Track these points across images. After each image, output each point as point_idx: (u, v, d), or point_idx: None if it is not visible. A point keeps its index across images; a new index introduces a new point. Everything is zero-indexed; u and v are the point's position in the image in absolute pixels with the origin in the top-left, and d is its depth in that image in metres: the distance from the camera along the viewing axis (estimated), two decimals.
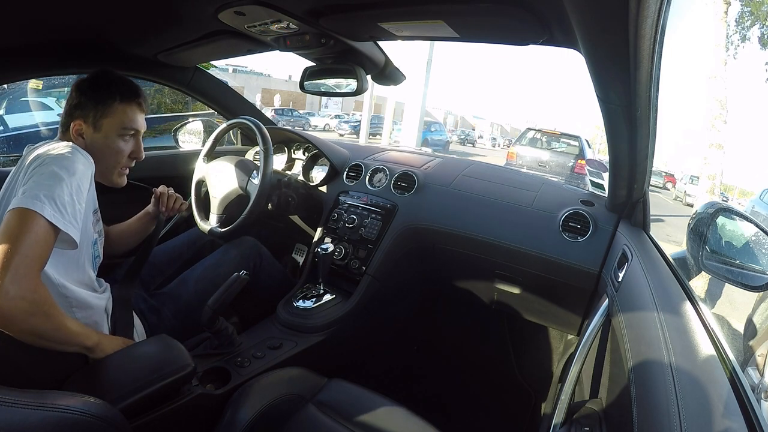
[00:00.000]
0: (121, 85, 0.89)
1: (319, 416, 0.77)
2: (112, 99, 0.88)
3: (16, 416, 0.43)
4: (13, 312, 0.61)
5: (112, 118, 0.88)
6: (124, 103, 0.89)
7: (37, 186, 0.69)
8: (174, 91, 4.23)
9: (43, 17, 0.86)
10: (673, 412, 0.44)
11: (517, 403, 1.46)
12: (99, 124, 0.87)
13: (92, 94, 0.87)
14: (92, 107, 0.86)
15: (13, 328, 0.63)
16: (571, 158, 7.23)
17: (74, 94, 0.87)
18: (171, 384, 0.72)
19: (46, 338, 0.67)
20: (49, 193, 0.69)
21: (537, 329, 1.55)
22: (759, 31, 7.59)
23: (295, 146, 1.63)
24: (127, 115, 0.90)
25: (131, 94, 0.90)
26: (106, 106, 0.87)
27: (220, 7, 0.83)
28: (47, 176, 0.71)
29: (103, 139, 0.88)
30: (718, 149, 6.12)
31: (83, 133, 0.87)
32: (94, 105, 0.86)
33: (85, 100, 0.86)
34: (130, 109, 0.90)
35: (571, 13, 0.54)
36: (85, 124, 0.87)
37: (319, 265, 1.18)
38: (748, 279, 0.67)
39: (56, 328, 0.68)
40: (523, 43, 0.83)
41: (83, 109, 0.86)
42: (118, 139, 0.89)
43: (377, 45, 1.11)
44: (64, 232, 0.69)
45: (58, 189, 0.70)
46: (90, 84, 0.88)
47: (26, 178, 0.72)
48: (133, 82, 0.92)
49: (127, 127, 0.90)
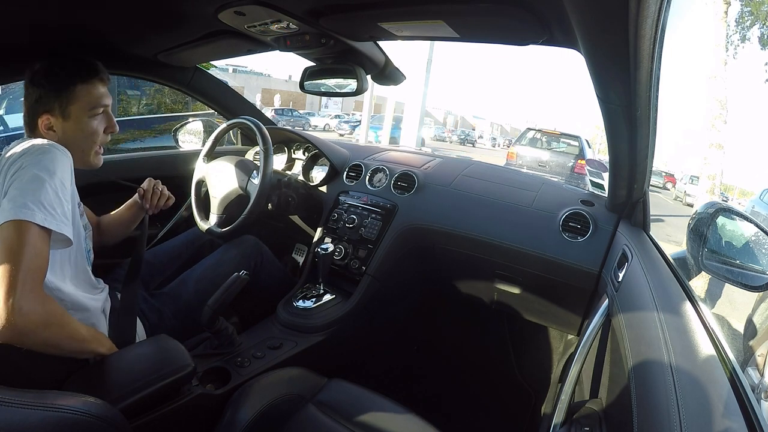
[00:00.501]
0: (77, 66, 0.86)
1: (319, 416, 0.77)
2: (72, 83, 0.84)
3: (16, 416, 0.43)
4: (29, 327, 0.63)
5: (78, 102, 0.85)
6: (86, 84, 0.86)
7: (22, 194, 0.68)
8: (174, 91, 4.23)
9: (43, 17, 0.86)
10: (673, 412, 0.44)
11: (517, 403, 1.46)
12: (67, 112, 0.84)
13: (51, 85, 0.83)
14: (55, 98, 0.83)
15: (29, 341, 0.64)
16: (571, 158, 7.23)
17: (31, 90, 0.84)
18: (171, 384, 0.72)
19: (61, 347, 0.69)
20: (35, 197, 0.68)
21: (537, 329, 1.55)
22: (759, 31, 7.59)
23: (295, 146, 1.63)
24: (92, 94, 0.87)
25: (91, 73, 0.86)
26: (69, 93, 0.84)
27: (220, 7, 0.83)
28: (28, 181, 0.70)
29: (75, 125, 0.85)
30: (718, 149, 6.12)
31: (53, 126, 0.84)
32: (56, 95, 0.83)
33: (45, 92, 0.83)
34: (93, 88, 0.87)
35: (571, 13, 0.54)
36: (52, 116, 0.84)
37: (319, 265, 1.18)
38: (748, 279, 0.67)
39: (70, 337, 0.70)
40: (523, 43, 0.83)
41: (46, 103, 0.83)
42: (90, 120, 0.87)
43: (377, 45, 1.11)
44: (57, 232, 0.69)
45: (42, 192, 0.69)
46: (45, 75, 0.84)
47: (6, 186, 0.71)
48: (87, 59, 0.88)
49: (96, 105, 0.87)
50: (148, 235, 1.49)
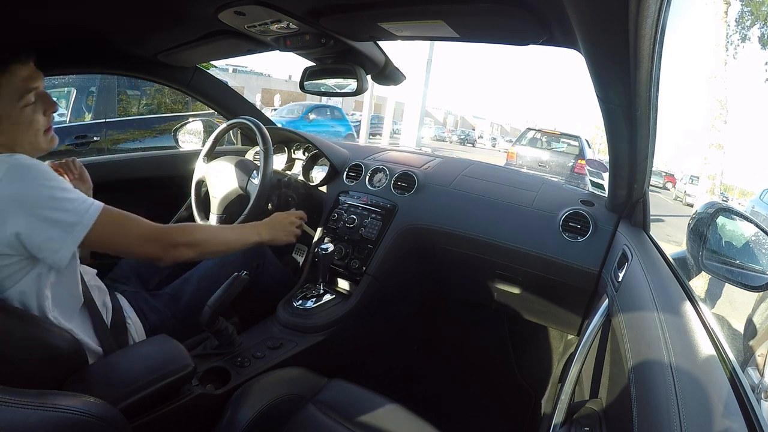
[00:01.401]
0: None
1: (319, 416, 0.77)
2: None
3: (16, 416, 0.43)
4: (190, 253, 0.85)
5: (2, 98, 0.73)
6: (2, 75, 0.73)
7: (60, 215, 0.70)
8: (174, 91, 4.23)
9: (42, 17, 0.86)
10: (673, 412, 0.44)
11: (517, 403, 1.46)
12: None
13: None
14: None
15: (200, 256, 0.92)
16: (571, 158, 7.23)
17: None
18: (171, 384, 0.72)
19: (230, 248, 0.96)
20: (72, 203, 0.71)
21: (537, 329, 1.55)
22: (759, 31, 7.59)
23: (295, 146, 1.63)
24: (13, 84, 0.74)
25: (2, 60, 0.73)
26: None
27: (220, 7, 0.83)
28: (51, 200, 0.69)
29: (8, 123, 0.74)
30: (718, 149, 6.11)
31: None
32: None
33: None
34: (12, 75, 0.74)
35: (571, 13, 0.54)
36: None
37: (319, 265, 1.18)
38: (748, 279, 0.68)
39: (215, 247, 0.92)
40: (523, 43, 0.83)
41: None
42: (22, 111, 0.75)
43: (377, 45, 1.11)
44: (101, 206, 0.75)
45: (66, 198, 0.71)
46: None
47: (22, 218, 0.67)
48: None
49: (23, 92, 0.75)
50: None
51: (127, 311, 0.94)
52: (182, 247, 0.84)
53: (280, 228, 1.07)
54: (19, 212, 0.67)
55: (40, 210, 0.69)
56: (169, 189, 1.57)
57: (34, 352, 0.68)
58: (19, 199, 0.68)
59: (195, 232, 0.89)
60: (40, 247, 0.69)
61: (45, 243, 0.69)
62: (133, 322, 0.93)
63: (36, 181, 0.69)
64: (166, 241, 0.82)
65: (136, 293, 1.01)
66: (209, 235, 0.92)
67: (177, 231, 0.85)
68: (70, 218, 0.70)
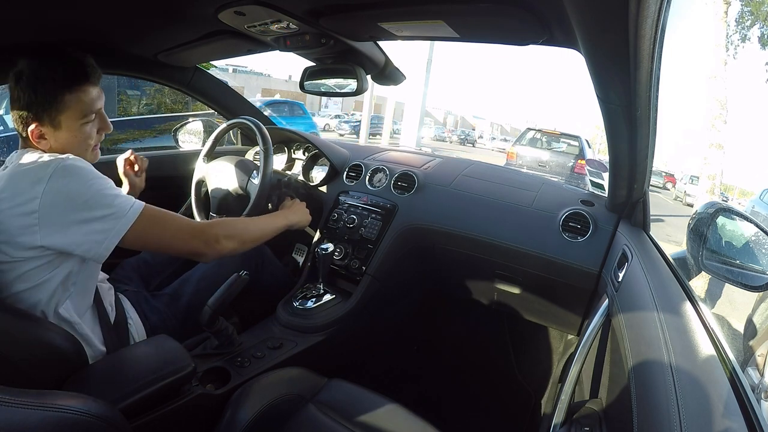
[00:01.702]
0: (66, 71, 0.78)
1: (319, 416, 0.77)
2: (61, 93, 0.77)
3: (16, 416, 0.43)
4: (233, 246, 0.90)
5: (69, 111, 0.78)
6: (76, 92, 0.78)
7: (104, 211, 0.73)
8: (174, 91, 4.23)
9: (42, 17, 0.86)
10: (673, 412, 0.44)
11: (517, 403, 1.46)
12: (57, 121, 0.78)
13: (38, 94, 0.76)
14: (43, 108, 0.76)
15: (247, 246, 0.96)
16: (571, 158, 7.23)
17: (18, 94, 0.76)
18: (171, 384, 0.72)
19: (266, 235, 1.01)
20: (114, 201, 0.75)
21: (537, 329, 1.55)
22: (759, 31, 7.59)
23: (295, 146, 1.63)
24: (83, 101, 0.79)
25: (80, 79, 0.79)
26: (58, 103, 0.77)
27: (220, 7, 0.83)
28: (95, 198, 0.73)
29: (67, 133, 0.79)
30: (718, 149, 6.12)
31: (44, 135, 0.78)
32: (44, 105, 0.76)
33: (32, 100, 0.76)
34: (84, 95, 0.79)
35: (571, 13, 0.54)
36: (42, 126, 0.77)
37: (319, 265, 1.18)
38: (748, 279, 0.67)
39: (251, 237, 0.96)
40: (523, 43, 0.83)
41: (35, 112, 0.76)
42: (82, 127, 0.81)
43: (377, 45, 1.11)
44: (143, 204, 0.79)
45: (110, 194, 0.75)
46: (31, 82, 0.75)
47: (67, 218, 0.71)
48: (77, 59, 0.80)
49: (88, 112, 0.80)
50: None
51: (129, 311, 0.94)
52: (223, 239, 0.88)
53: (296, 212, 1.16)
54: (67, 207, 0.71)
55: (87, 204, 0.72)
56: (169, 189, 1.57)
57: (34, 352, 0.68)
58: (67, 194, 0.71)
59: (233, 225, 0.93)
60: (82, 241, 0.72)
61: (89, 235, 0.72)
62: (134, 322, 0.93)
63: (84, 179, 0.73)
64: (208, 236, 0.86)
65: (137, 293, 1.01)
66: (246, 225, 0.97)
67: (216, 225, 0.89)
68: (115, 212, 0.74)
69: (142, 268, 1.14)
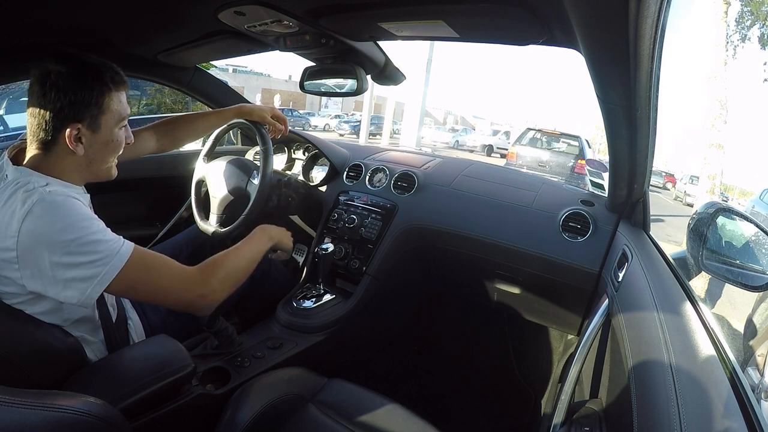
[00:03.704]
0: (108, 70, 0.75)
1: (319, 416, 0.77)
2: (108, 91, 0.74)
3: (16, 416, 0.43)
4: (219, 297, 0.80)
5: (110, 112, 0.75)
6: (118, 92, 0.76)
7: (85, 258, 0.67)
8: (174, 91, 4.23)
9: (43, 17, 0.86)
10: (673, 412, 0.44)
11: (517, 403, 1.46)
12: (98, 123, 0.74)
13: (82, 91, 0.71)
14: (86, 107, 0.72)
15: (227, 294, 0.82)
16: (571, 158, 7.23)
17: (52, 96, 0.70)
18: (171, 384, 0.72)
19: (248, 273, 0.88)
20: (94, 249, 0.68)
21: (537, 329, 1.55)
22: (759, 31, 7.59)
23: (295, 146, 1.63)
24: (122, 104, 0.78)
25: (120, 78, 0.77)
26: (102, 102, 0.73)
27: (220, 7, 0.83)
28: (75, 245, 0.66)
29: (104, 137, 0.76)
30: (718, 149, 6.11)
31: (81, 137, 0.73)
32: (87, 103, 0.72)
33: (73, 99, 0.71)
34: (123, 96, 0.78)
35: (571, 13, 0.54)
36: (83, 126, 0.72)
37: (319, 265, 1.18)
38: (748, 279, 0.68)
39: (243, 269, 0.86)
40: (523, 43, 0.83)
41: (76, 111, 0.71)
42: (117, 132, 0.78)
43: (377, 45, 1.11)
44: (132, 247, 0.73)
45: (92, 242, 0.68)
46: (73, 79, 0.71)
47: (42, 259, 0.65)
48: (111, 64, 0.77)
49: (124, 116, 0.79)
50: (148, 234, 1.50)
51: (129, 311, 0.94)
52: (219, 286, 0.79)
53: (278, 232, 1.03)
54: (44, 251, 0.65)
55: (67, 250, 0.66)
56: (169, 189, 1.57)
57: (35, 352, 0.68)
58: (44, 238, 0.65)
59: (223, 265, 0.82)
60: (61, 289, 0.67)
61: (69, 284, 0.66)
62: (134, 322, 0.93)
63: (64, 220, 0.67)
64: (204, 286, 0.77)
65: None
66: (237, 260, 0.86)
67: (209, 271, 0.80)
68: (98, 259, 0.67)
69: None
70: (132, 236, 1.35)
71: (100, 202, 0.93)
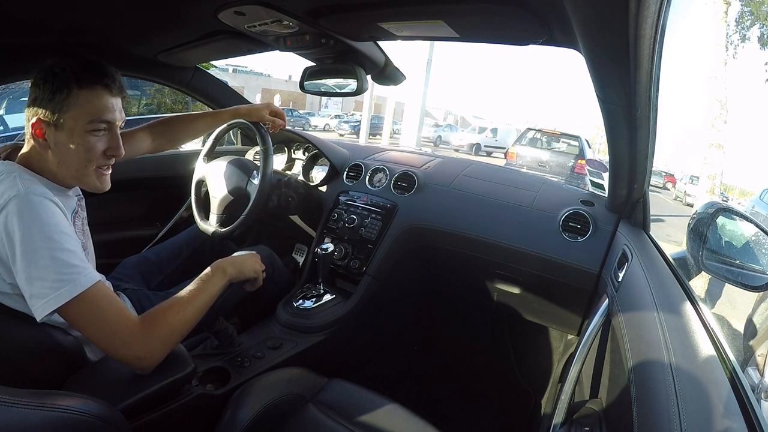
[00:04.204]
0: (79, 67, 0.71)
1: (319, 416, 0.77)
2: (68, 86, 0.69)
3: (16, 416, 0.43)
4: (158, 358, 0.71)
5: (74, 110, 0.70)
6: (85, 89, 0.71)
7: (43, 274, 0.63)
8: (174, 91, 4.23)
9: (43, 17, 0.86)
10: (673, 412, 0.44)
11: (517, 403, 1.46)
12: (59, 120, 0.70)
13: (46, 85, 0.69)
14: (48, 100, 0.69)
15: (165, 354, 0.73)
16: (571, 158, 7.24)
17: (31, 90, 0.71)
18: (171, 384, 0.72)
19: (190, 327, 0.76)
20: (58, 269, 0.64)
21: (537, 329, 1.55)
22: (759, 31, 7.59)
23: (295, 146, 1.63)
24: (92, 104, 0.71)
25: (94, 77, 0.71)
26: (63, 96, 0.69)
27: (220, 7, 0.83)
28: (37, 258, 0.63)
29: (67, 137, 0.71)
30: (718, 149, 6.12)
31: (45, 133, 0.71)
32: (50, 97, 0.69)
33: (40, 93, 0.69)
34: (94, 96, 0.72)
35: (571, 13, 0.54)
36: (44, 122, 0.70)
37: (319, 265, 1.18)
38: (748, 279, 0.68)
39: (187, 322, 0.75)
40: (523, 43, 0.83)
41: (40, 106, 0.70)
42: (86, 135, 0.72)
43: (377, 45, 1.11)
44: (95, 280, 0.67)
45: (57, 258, 0.64)
46: (45, 73, 0.70)
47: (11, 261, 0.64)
48: (97, 62, 0.74)
49: (95, 118, 0.72)
50: (148, 234, 1.50)
51: (129, 310, 0.94)
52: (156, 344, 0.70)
53: (242, 262, 0.90)
54: (11, 251, 0.64)
55: (31, 260, 0.63)
56: (169, 189, 1.57)
57: (35, 352, 0.68)
58: (15, 237, 0.63)
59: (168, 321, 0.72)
60: (24, 289, 0.65)
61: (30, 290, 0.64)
62: None
63: (36, 226, 0.64)
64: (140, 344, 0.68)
65: (137, 291, 1.01)
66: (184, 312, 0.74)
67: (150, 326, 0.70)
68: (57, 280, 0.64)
69: (143, 267, 1.14)
70: (132, 236, 1.35)
71: (100, 202, 0.94)
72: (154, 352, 0.70)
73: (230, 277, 0.85)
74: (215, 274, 0.83)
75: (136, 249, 1.29)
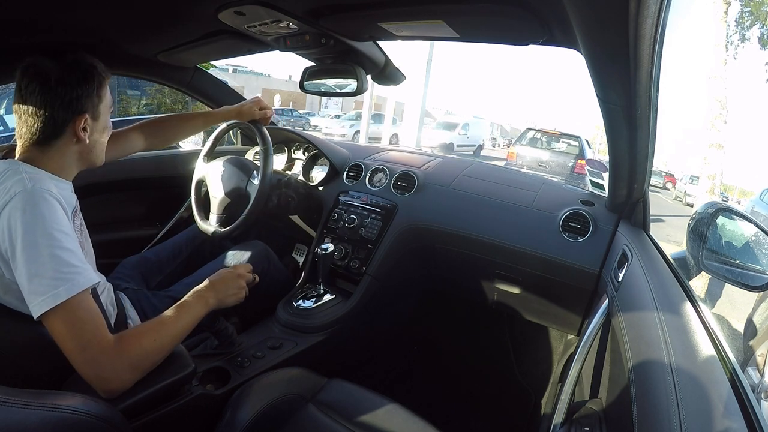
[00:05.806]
0: (97, 63, 0.79)
1: (319, 416, 0.77)
2: (103, 80, 0.79)
3: (16, 416, 0.43)
4: (135, 378, 0.67)
5: (105, 100, 0.80)
6: (106, 82, 0.81)
7: (41, 271, 0.62)
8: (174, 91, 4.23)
9: (43, 17, 0.86)
10: (673, 412, 0.44)
11: (517, 403, 1.46)
12: (98, 111, 0.79)
13: (86, 84, 0.75)
14: (89, 97, 0.76)
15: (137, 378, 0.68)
16: (571, 158, 7.24)
17: (58, 91, 0.72)
18: (171, 384, 0.72)
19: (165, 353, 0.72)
20: (57, 267, 0.63)
21: (537, 329, 1.55)
22: (759, 31, 7.58)
23: (295, 146, 1.63)
24: (109, 92, 0.83)
25: (105, 68, 0.81)
26: (101, 91, 0.79)
27: (220, 7, 0.83)
28: (37, 254, 0.63)
29: (101, 124, 0.80)
30: (718, 149, 6.11)
31: (87, 127, 0.77)
32: (90, 94, 0.76)
33: (79, 92, 0.74)
34: (108, 85, 0.83)
35: (571, 13, 0.54)
36: (89, 116, 0.76)
37: (319, 265, 1.18)
38: (748, 279, 0.68)
39: (167, 349, 0.72)
40: (523, 43, 0.83)
41: (83, 103, 0.75)
42: (108, 118, 0.83)
43: (377, 45, 1.11)
44: (94, 282, 0.67)
45: (57, 256, 0.64)
46: (75, 72, 0.75)
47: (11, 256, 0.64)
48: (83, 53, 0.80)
49: (111, 102, 0.83)
50: (148, 234, 1.50)
51: (129, 310, 0.94)
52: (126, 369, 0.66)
53: (224, 290, 0.87)
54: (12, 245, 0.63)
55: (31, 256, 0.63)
56: (169, 189, 1.57)
57: (34, 352, 0.68)
58: (17, 232, 0.63)
59: (144, 348, 0.68)
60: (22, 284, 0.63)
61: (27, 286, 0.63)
62: (133, 321, 0.93)
63: (39, 223, 0.65)
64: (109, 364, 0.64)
65: (137, 291, 1.01)
66: (159, 340, 0.71)
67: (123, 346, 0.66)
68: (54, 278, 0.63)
69: (143, 266, 1.14)
70: (132, 236, 1.35)
71: (100, 202, 0.94)
72: (122, 377, 0.65)
73: (211, 307, 0.83)
74: (197, 302, 0.81)
75: (135, 249, 1.29)
